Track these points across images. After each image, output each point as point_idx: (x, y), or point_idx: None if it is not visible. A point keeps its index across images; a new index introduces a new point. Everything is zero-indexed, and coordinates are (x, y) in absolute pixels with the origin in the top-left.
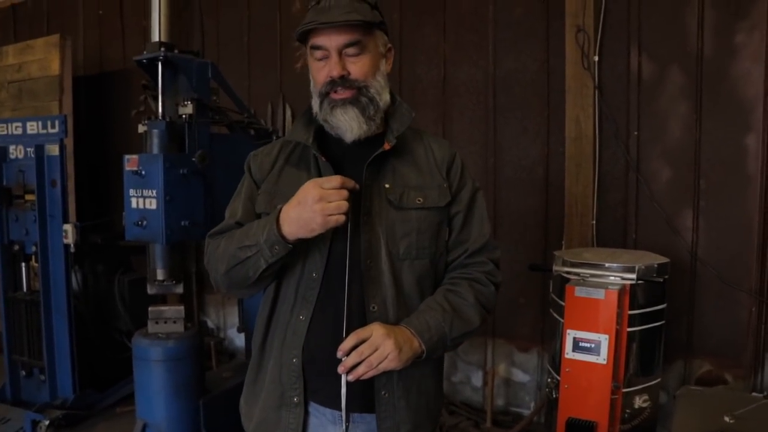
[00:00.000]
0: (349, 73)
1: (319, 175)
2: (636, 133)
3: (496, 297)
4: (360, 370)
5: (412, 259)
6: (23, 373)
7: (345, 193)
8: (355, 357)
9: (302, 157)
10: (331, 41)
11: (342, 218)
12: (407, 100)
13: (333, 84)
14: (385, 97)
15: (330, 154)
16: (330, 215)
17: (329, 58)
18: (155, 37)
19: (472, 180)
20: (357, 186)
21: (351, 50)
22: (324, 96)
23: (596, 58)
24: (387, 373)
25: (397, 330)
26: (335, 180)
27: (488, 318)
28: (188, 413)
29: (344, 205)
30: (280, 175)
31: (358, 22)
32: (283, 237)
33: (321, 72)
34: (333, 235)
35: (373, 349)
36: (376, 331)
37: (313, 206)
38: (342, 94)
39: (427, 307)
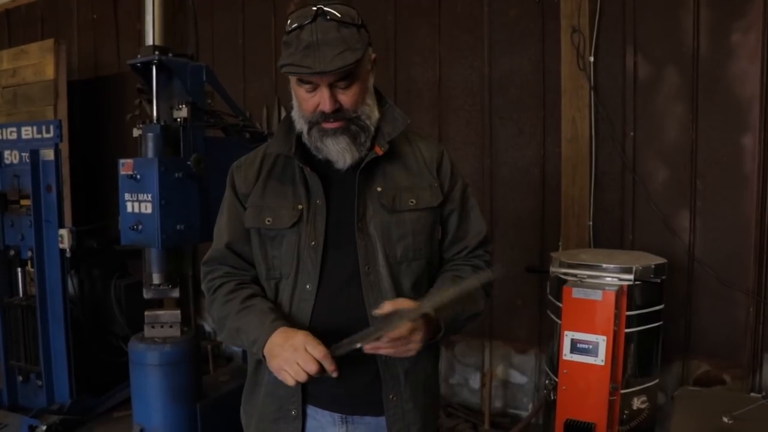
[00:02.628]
0: (340, 106)
1: (306, 187)
2: (632, 133)
3: (492, 286)
4: (381, 351)
5: (410, 261)
6: (20, 378)
7: (314, 366)
8: (388, 349)
9: (286, 168)
10: (322, 80)
11: (291, 382)
12: (402, 102)
13: (324, 115)
14: (374, 117)
15: (314, 162)
16: (285, 371)
17: (318, 90)
18: (149, 41)
19: (461, 177)
20: (333, 373)
21: (342, 83)
22: (314, 124)
23: (592, 59)
24: (395, 377)
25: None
26: (320, 353)
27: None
28: (185, 418)
29: (302, 375)
30: (265, 188)
31: (352, 65)
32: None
33: (309, 102)
34: (325, 244)
35: (404, 344)
36: (408, 327)
37: (283, 352)
38: (333, 124)
39: (438, 288)
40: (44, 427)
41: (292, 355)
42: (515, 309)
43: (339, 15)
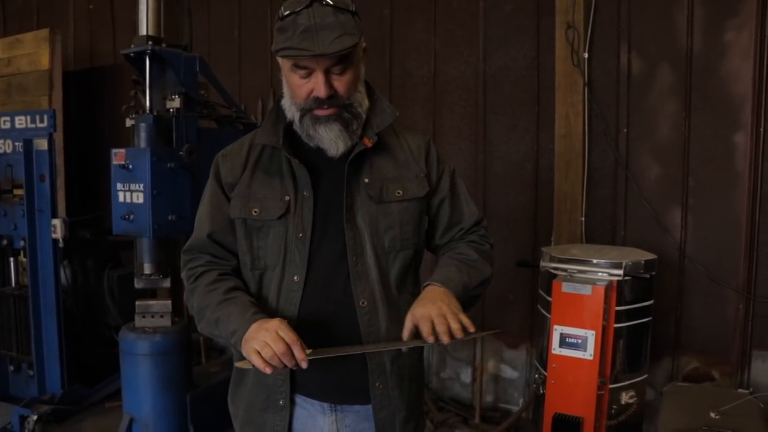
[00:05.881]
0: (335, 92)
1: (294, 178)
2: (625, 130)
3: (493, 256)
4: (455, 330)
5: (397, 251)
6: (11, 368)
7: (283, 346)
8: (442, 325)
9: (273, 159)
10: (318, 64)
11: (260, 362)
12: (397, 96)
13: (318, 101)
14: (365, 105)
15: (302, 153)
16: (256, 354)
17: (313, 75)
18: (143, 31)
19: (447, 164)
20: (303, 363)
21: (337, 68)
22: (306, 111)
23: (586, 55)
24: (381, 365)
25: (429, 296)
26: (290, 338)
27: (492, 272)
28: (175, 408)
29: (269, 351)
30: (252, 179)
31: (351, 49)
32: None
33: (302, 88)
34: (312, 235)
35: (442, 318)
36: (421, 312)
37: (256, 335)
38: (326, 111)
39: (440, 267)
40: (35, 417)
41: (263, 336)
42: (507, 304)
43: (334, 1)
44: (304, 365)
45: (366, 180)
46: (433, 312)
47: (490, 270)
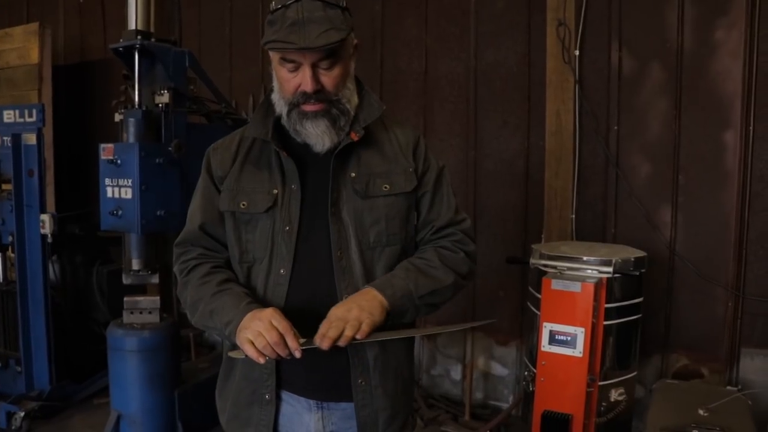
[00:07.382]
0: (322, 87)
1: (282, 171)
2: (616, 127)
3: (470, 264)
4: (341, 342)
5: (383, 246)
6: None
7: (276, 335)
8: (334, 331)
9: (263, 152)
10: (305, 58)
11: (253, 352)
12: (388, 92)
13: (305, 96)
14: (354, 101)
15: (291, 146)
16: (249, 343)
17: (300, 69)
18: (132, 25)
19: (436, 160)
20: (296, 353)
21: (325, 63)
22: (294, 106)
23: (577, 53)
24: (363, 362)
25: (355, 297)
26: (283, 327)
27: (464, 282)
28: (163, 404)
29: (262, 341)
30: (242, 172)
31: (337, 44)
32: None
33: (290, 82)
34: (299, 229)
35: (343, 323)
36: (333, 313)
37: (250, 324)
38: (314, 106)
39: (390, 272)
40: (22, 414)
41: (256, 326)
42: (497, 301)
43: None
44: (297, 354)
45: (353, 174)
46: (339, 314)
47: (452, 278)
